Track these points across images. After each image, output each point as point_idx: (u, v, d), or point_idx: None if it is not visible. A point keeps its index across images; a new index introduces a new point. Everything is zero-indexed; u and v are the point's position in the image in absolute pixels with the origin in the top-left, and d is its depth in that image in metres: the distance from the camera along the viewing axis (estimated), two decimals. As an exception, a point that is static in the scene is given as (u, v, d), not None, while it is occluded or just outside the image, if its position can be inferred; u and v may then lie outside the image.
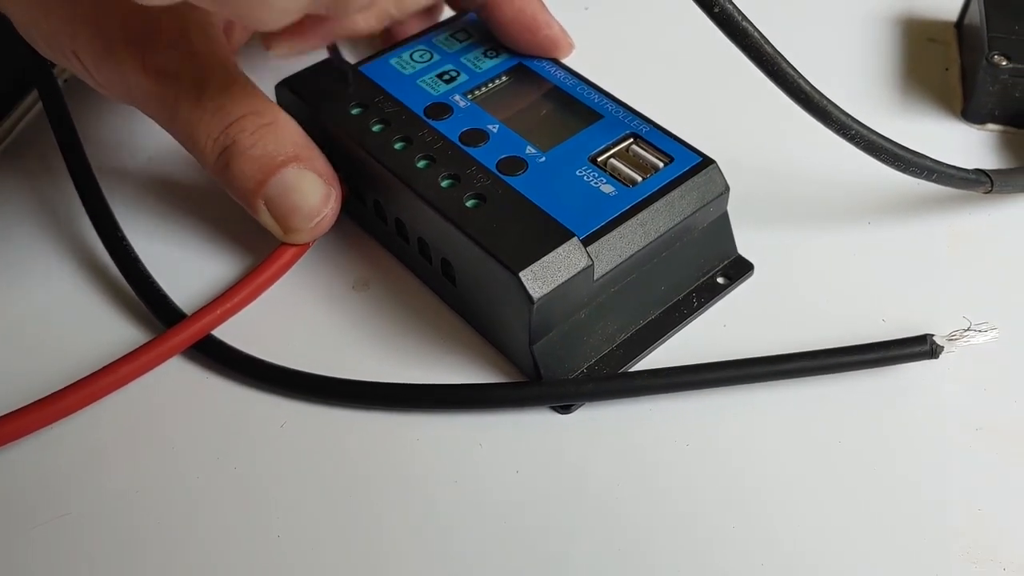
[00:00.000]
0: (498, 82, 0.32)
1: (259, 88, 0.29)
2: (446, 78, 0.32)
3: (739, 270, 0.31)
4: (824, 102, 0.28)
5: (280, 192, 0.28)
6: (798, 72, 0.27)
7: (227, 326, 0.29)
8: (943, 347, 0.27)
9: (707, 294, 0.30)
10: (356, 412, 0.27)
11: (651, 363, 0.28)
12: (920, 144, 0.30)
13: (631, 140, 0.29)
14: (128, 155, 0.35)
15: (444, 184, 0.28)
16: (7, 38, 0.30)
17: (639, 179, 0.28)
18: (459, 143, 0.29)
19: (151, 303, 0.30)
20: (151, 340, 0.28)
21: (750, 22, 0.26)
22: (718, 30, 0.27)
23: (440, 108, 0.31)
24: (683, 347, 0.29)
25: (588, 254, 0.26)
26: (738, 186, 0.29)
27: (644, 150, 0.29)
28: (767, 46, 0.27)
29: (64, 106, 0.33)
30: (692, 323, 0.29)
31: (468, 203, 0.27)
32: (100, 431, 0.27)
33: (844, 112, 0.28)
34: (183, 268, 0.31)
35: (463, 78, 0.32)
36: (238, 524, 0.25)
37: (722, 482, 0.26)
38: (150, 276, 0.30)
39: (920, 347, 0.27)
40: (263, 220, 0.29)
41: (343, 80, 0.31)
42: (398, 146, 0.29)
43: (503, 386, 0.28)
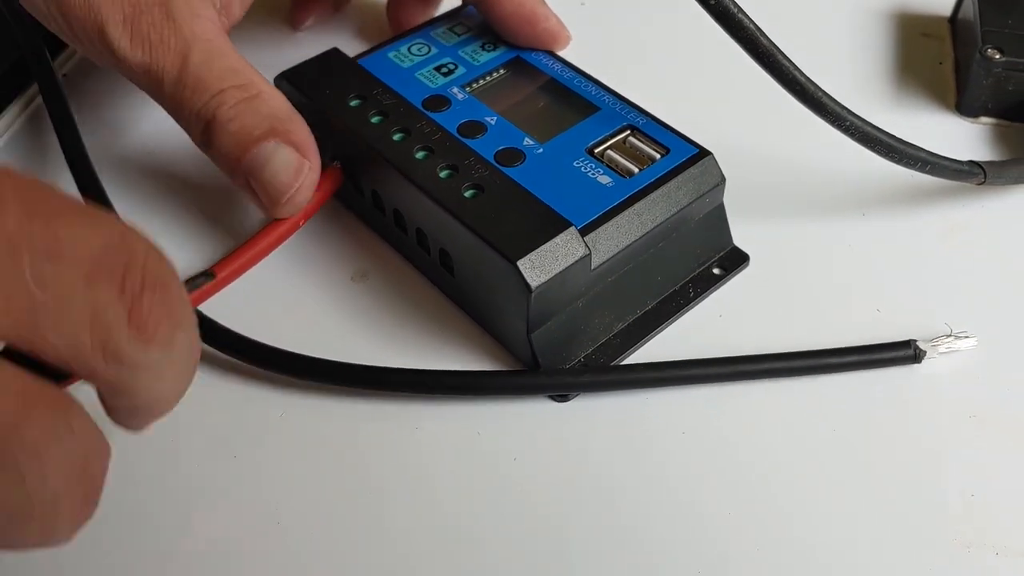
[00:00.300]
0: (496, 75, 0.32)
1: (246, 61, 0.29)
2: (444, 71, 0.32)
3: (735, 261, 0.31)
4: (819, 93, 0.28)
5: (255, 167, 0.28)
6: (793, 64, 0.28)
7: (227, 315, 0.29)
8: (926, 352, 0.28)
9: (703, 284, 0.30)
10: (355, 401, 0.28)
11: (647, 352, 0.29)
12: (914, 137, 0.30)
13: (628, 132, 0.30)
14: (128, 148, 0.35)
15: (443, 175, 0.28)
16: (7, 34, 0.30)
17: (636, 170, 0.28)
18: (457, 135, 0.29)
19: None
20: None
21: (746, 14, 0.27)
22: (714, 23, 0.27)
23: (438, 100, 0.31)
24: (679, 337, 0.29)
25: (585, 243, 0.26)
26: (734, 178, 0.30)
27: (641, 142, 0.29)
28: (763, 38, 0.27)
29: (64, 100, 0.34)
30: (688, 313, 0.30)
31: (466, 193, 0.28)
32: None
33: (839, 103, 0.28)
34: (183, 260, 0.31)
35: (461, 71, 0.32)
36: (239, 512, 0.25)
37: (718, 469, 0.26)
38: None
39: (904, 352, 0.28)
40: (247, 195, 0.29)
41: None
42: (397, 137, 0.29)
43: (502, 374, 0.28)
